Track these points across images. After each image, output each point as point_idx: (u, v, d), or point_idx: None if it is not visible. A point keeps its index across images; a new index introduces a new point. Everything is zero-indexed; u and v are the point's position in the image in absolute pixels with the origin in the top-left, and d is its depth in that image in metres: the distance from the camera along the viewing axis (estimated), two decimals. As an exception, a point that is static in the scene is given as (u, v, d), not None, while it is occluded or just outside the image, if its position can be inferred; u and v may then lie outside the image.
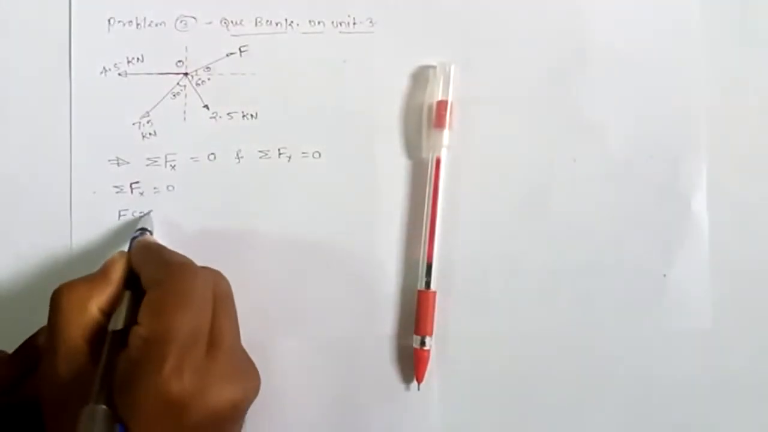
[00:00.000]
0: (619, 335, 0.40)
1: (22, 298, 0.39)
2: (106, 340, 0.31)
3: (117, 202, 0.39)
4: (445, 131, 0.39)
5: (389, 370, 0.39)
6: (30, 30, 0.39)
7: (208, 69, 0.39)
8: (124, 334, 0.31)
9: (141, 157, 0.39)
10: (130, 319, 0.31)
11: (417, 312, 0.39)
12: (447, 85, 0.39)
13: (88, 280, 0.33)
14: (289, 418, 0.39)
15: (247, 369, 0.33)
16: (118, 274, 0.33)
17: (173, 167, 0.39)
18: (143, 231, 0.37)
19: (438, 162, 0.39)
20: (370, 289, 0.39)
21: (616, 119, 0.40)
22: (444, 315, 0.39)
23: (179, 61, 0.39)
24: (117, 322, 0.31)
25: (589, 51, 0.40)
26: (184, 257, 0.33)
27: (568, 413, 0.40)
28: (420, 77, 0.40)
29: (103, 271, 0.33)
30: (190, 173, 0.39)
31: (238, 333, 0.33)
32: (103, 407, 0.28)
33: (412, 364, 0.39)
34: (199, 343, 0.30)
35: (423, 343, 0.38)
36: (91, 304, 0.32)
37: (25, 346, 0.35)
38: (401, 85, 0.40)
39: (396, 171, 0.40)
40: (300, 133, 0.39)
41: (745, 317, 0.40)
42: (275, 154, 0.39)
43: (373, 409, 0.39)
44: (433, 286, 0.39)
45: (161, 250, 0.34)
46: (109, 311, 0.32)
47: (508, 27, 0.40)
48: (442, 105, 0.39)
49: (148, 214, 0.39)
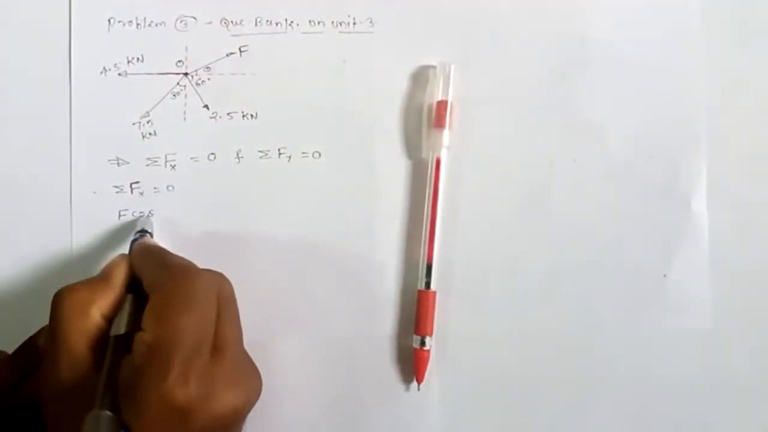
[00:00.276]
0: (618, 335, 0.40)
1: (22, 297, 0.38)
2: (108, 345, 0.30)
3: (117, 202, 0.39)
4: (445, 131, 0.39)
5: (389, 370, 0.39)
6: (30, 30, 0.39)
7: (208, 69, 0.39)
8: (126, 338, 0.30)
9: (141, 157, 0.39)
10: (133, 324, 0.31)
11: (417, 312, 0.39)
12: (447, 85, 0.39)
13: (90, 284, 0.32)
14: (289, 418, 0.39)
15: (250, 372, 0.33)
16: (119, 277, 0.33)
17: (173, 167, 0.39)
18: (143, 233, 0.36)
19: (438, 162, 0.39)
20: (370, 289, 0.39)
21: (616, 119, 0.40)
22: (444, 315, 0.39)
23: (179, 61, 0.39)
24: (119, 327, 0.31)
25: (589, 51, 0.40)
26: (186, 260, 0.33)
27: (568, 413, 0.40)
28: (420, 77, 0.40)
29: (105, 274, 0.33)
30: (190, 173, 0.39)
31: (241, 336, 0.33)
32: (107, 413, 0.28)
33: (412, 364, 0.39)
34: (204, 348, 0.30)
35: (423, 343, 0.38)
36: (93, 309, 0.31)
37: (25, 347, 0.35)
38: (401, 85, 0.40)
39: (396, 171, 0.40)
40: (300, 133, 0.39)
41: (745, 317, 0.40)
42: (275, 154, 0.39)
43: (373, 409, 0.39)
44: (433, 286, 0.39)
45: (163, 253, 0.34)
46: (111, 315, 0.32)
47: (508, 27, 0.40)
48: (442, 105, 0.39)
49: (147, 216, 0.39)
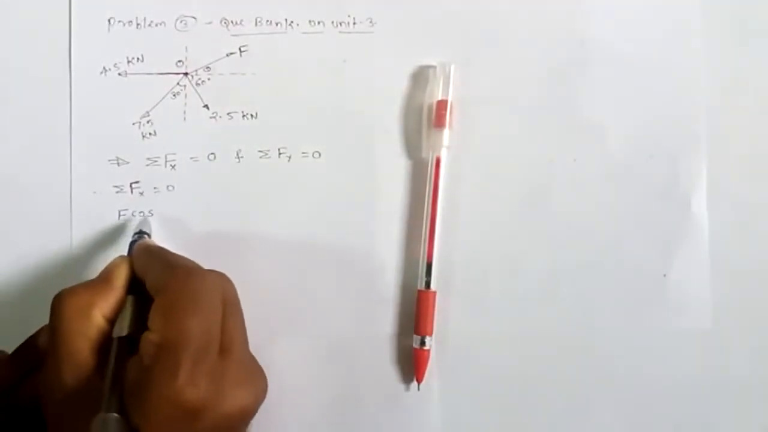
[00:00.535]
0: (618, 335, 0.40)
1: (22, 297, 0.38)
2: (111, 347, 0.30)
3: (117, 202, 0.39)
4: (445, 131, 0.39)
5: (389, 370, 0.39)
6: (30, 30, 0.39)
7: (208, 69, 0.39)
8: (129, 340, 0.30)
9: (141, 157, 0.39)
10: (135, 325, 0.31)
11: (417, 312, 0.39)
12: (447, 85, 0.39)
13: (90, 286, 0.32)
14: (289, 417, 0.39)
15: (256, 372, 0.32)
16: (120, 279, 0.33)
17: (173, 167, 0.39)
18: (141, 234, 0.36)
19: (438, 162, 0.39)
20: (370, 288, 0.39)
21: (616, 119, 0.40)
22: (444, 315, 0.39)
23: (179, 61, 0.39)
24: (121, 329, 0.31)
25: (589, 50, 0.40)
26: (190, 260, 0.33)
27: (567, 413, 0.40)
28: (420, 77, 0.40)
29: (105, 276, 0.33)
30: (190, 173, 0.39)
31: (246, 336, 0.33)
32: (115, 415, 0.28)
33: (412, 364, 0.39)
34: (212, 348, 0.29)
35: (423, 342, 0.38)
36: (94, 311, 0.31)
37: (24, 347, 0.35)
38: (401, 85, 0.40)
39: (396, 171, 0.40)
40: (300, 133, 0.39)
41: (745, 317, 0.40)
42: (275, 154, 0.39)
43: (373, 409, 0.39)
44: (433, 285, 0.39)
45: (164, 253, 0.34)
46: (112, 317, 0.32)
47: (507, 27, 0.40)
48: (441, 105, 0.39)
49: (145, 217, 0.39)
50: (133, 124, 0.39)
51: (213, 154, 0.39)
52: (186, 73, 0.39)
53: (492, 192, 0.40)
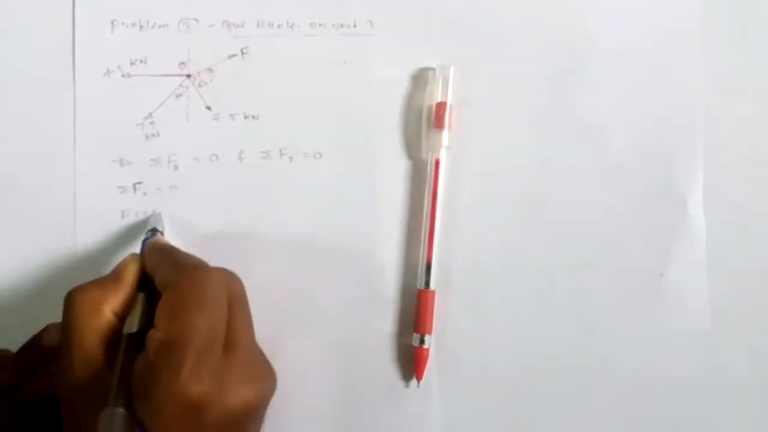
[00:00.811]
0: (616, 334, 0.40)
1: (26, 297, 0.39)
2: (121, 343, 0.31)
3: (120, 202, 0.39)
4: (445, 132, 0.39)
5: (389, 368, 0.39)
6: (33, 32, 0.39)
7: (210, 71, 0.39)
8: (139, 336, 0.31)
9: (144, 158, 0.39)
10: (145, 322, 0.31)
11: (416, 310, 0.39)
12: (446, 87, 0.39)
13: (101, 283, 0.33)
14: (289, 415, 0.39)
15: (263, 368, 0.32)
16: (131, 276, 0.33)
17: (176, 168, 0.39)
18: (154, 232, 0.36)
19: (437, 162, 0.39)
20: (370, 288, 0.39)
21: (615, 120, 0.40)
22: (443, 313, 0.39)
23: (182, 63, 0.39)
24: (132, 325, 0.31)
25: (587, 52, 0.40)
26: (197, 258, 0.33)
27: (566, 412, 0.40)
28: (420, 79, 0.40)
29: (116, 273, 0.33)
30: (193, 174, 0.39)
31: (253, 333, 0.33)
32: (121, 410, 0.28)
33: (412, 362, 0.39)
34: (216, 345, 0.30)
35: (422, 341, 0.39)
36: (105, 308, 0.31)
37: (28, 346, 0.35)
38: (401, 86, 0.40)
39: (396, 171, 0.40)
40: (301, 134, 0.39)
41: (743, 317, 0.40)
42: (276, 155, 0.39)
43: (373, 407, 0.39)
44: (432, 285, 0.39)
45: (174, 251, 0.34)
46: (123, 314, 0.32)
47: (507, 29, 0.40)
48: (441, 106, 0.39)
49: (158, 215, 0.39)
50: (137, 125, 0.39)
51: (215, 154, 0.39)
52: (189, 75, 0.39)
53: (491, 192, 0.40)
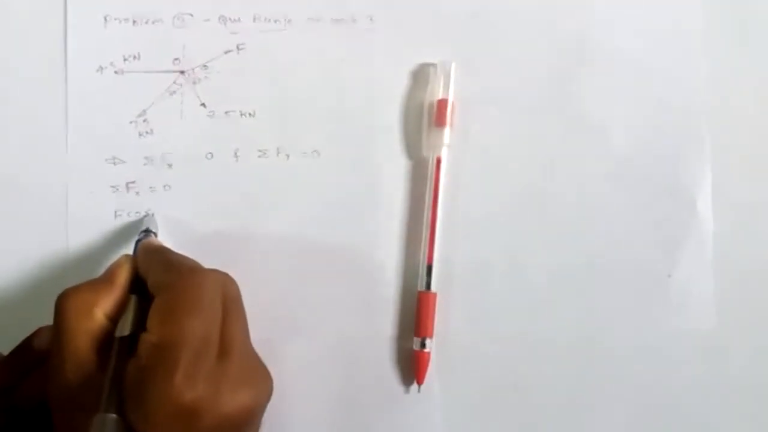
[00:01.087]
0: (622, 336, 0.40)
1: (18, 298, 0.38)
2: (113, 347, 0.30)
3: (113, 201, 0.39)
4: (446, 130, 0.39)
5: (389, 372, 0.39)
6: (25, 28, 0.39)
7: (205, 67, 0.39)
8: (131, 339, 0.30)
9: (137, 156, 0.39)
10: (137, 325, 0.31)
11: (417, 314, 0.39)
12: (448, 84, 0.39)
13: (93, 285, 0.32)
14: (289, 419, 0.39)
15: (258, 372, 0.32)
16: (123, 278, 0.33)
17: (170, 166, 0.39)
18: (147, 233, 0.36)
19: (438, 161, 0.39)
20: (370, 290, 0.39)
21: (619, 119, 0.40)
22: (444, 316, 0.39)
23: (176, 59, 0.39)
24: (124, 328, 0.31)
25: (591, 49, 0.40)
26: (191, 260, 0.33)
27: (570, 414, 0.40)
28: (420, 75, 0.40)
29: (108, 275, 0.33)
30: (187, 172, 0.39)
31: (248, 336, 0.33)
32: (113, 416, 0.28)
33: (413, 366, 0.39)
34: (210, 349, 0.29)
35: (423, 344, 0.38)
36: (97, 310, 0.31)
37: (21, 348, 0.35)
38: (401, 83, 0.40)
39: (396, 170, 0.40)
40: (299, 132, 0.39)
41: (749, 318, 0.40)
42: (273, 153, 0.39)
43: (374, 411, 0.39)
44: (433, 287, 0.38)
45: (167, 253, 0.34)
46: (115, 317, 0.32)
47: (509, 25, 0.40)
48: (442, 103, 0.39)
49: (152, 216, 0.38)
50: (130, 122, 0.39)
51: (210, 153, 0.39)
52: (183, 71, 0.39)
53: (493, 192, 0.40)
